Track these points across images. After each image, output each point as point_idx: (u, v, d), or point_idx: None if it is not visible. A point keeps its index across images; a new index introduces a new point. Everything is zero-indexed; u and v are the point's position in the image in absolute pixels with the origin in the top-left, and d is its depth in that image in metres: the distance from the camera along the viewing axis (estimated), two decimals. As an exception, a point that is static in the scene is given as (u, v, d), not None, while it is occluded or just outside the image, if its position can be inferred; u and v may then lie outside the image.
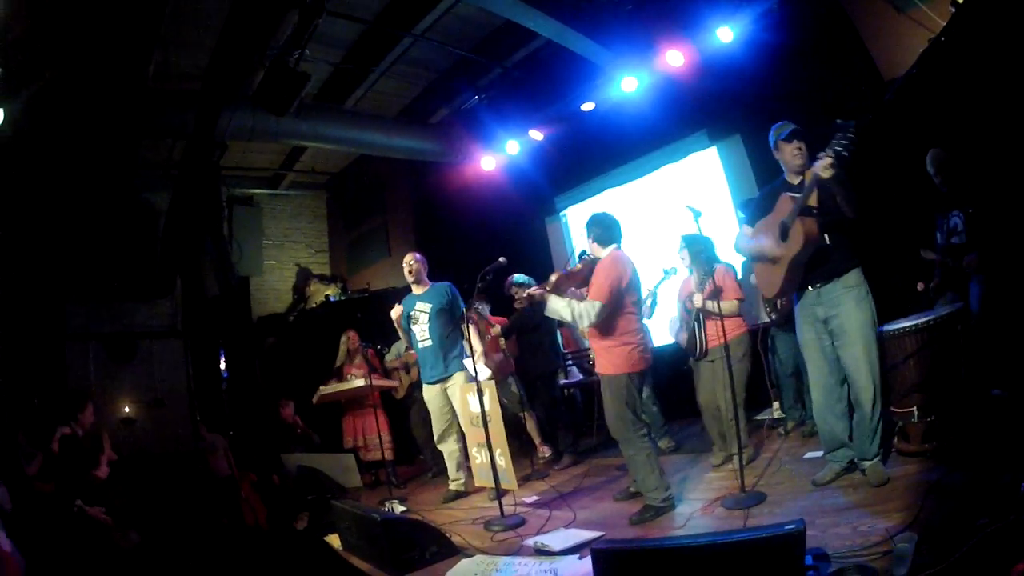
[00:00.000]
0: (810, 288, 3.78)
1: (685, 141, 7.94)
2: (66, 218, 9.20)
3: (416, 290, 5.88)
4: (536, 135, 8.72)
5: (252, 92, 7.33)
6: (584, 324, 4.24)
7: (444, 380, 5.65)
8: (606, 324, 4.25)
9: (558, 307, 4.27)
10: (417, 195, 11.49)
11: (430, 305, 5.70)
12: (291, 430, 7.73)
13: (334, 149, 10.51)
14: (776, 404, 5.86)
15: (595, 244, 4.47)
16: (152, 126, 7.93)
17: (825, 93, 6.05)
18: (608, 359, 4.29)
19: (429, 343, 5.66)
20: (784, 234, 3.65)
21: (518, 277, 6.37)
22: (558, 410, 6.68)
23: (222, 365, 11.07)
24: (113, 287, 10.13)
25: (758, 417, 6.08)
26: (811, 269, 3.72)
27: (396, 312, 5.89)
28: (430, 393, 5.75)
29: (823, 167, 3.38)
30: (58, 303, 9.83)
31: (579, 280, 4.60)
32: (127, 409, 9.86)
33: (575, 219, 9.29)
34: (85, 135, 7.27)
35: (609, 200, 8.71)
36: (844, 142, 3.30)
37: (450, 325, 5.66)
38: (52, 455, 5.48)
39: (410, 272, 5.85)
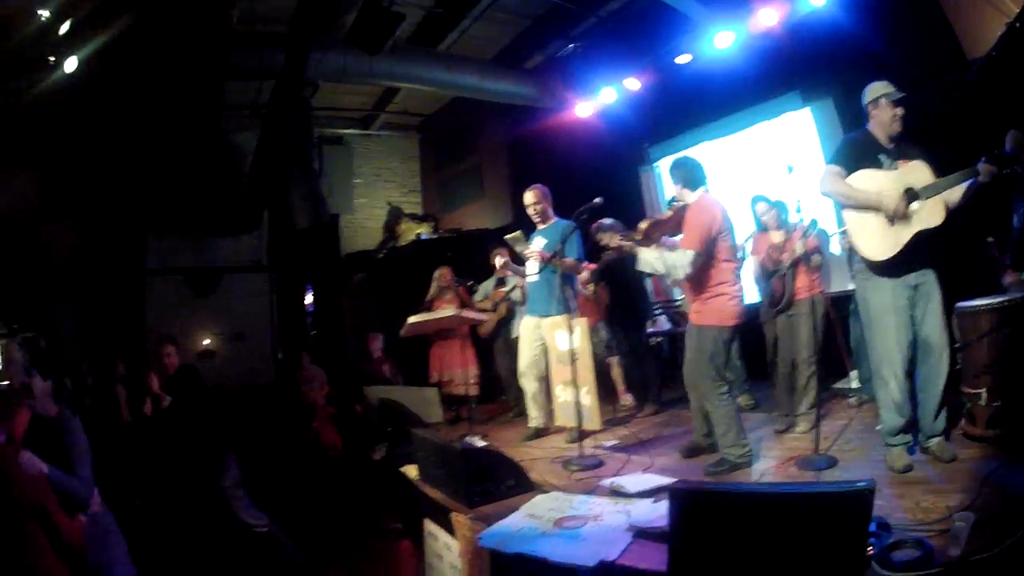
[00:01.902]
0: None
1: (779, 100, 7.80)
2: (150, 160, 9.58)
3: (541, 226, 5.77)
4: (632, 84, 8.69)
5: (345, 33, 7.45)
6: (679, 275, 4.10)
7: (544, 317, 5.50)
8: (699, 274, 4.08)
9: (650, 259, 4.11)
10: (511, 138, 11.54)
11: (545, 242, 5.53)
12: (376, 366, 7.94)
13: (427, 91, 10.61)
14: (854, 373, 5.80)
15: (683, 189, 4.31)
16: (237, 68, 8.14)
17: (910, 66, 5.95)
18: (699, 309, 4.16)
19: (536, 278, 5.55)
20: (911, 200, 3.59)
21: (606, 221, 6.19)
22: (644, 359, 6.62)
23: (308, 300, 11.38)
24: (196, 223, 10.51)
25: (836, 386, 6.04)
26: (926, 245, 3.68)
27: (499, 259, 5.90)
28: (528, 324, 5.69)
29: (988, 172, 3.42)
30: (139, 238, 10.28)
31: (671, 228, 4.46)
32: (207, 342, 10.41)
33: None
34: (167, 79, 7.47)
35: (703, 153, 8.54)
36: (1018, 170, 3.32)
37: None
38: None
39: (535, 214, 5.72)
